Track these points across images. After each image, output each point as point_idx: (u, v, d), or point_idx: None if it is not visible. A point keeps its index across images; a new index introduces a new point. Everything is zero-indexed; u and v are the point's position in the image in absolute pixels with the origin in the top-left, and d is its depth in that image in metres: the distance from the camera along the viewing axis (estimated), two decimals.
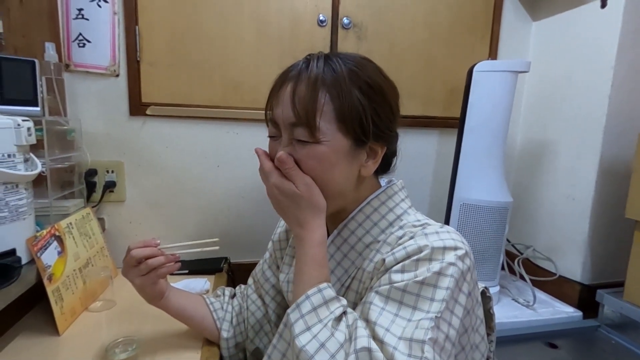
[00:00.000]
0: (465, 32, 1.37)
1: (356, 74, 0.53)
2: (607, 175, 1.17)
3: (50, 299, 0.76)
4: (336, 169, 0.54)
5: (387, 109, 0.56)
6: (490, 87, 1.14)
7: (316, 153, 0.53)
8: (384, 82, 0.57)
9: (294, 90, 0.53)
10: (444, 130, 1.40)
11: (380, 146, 0.56)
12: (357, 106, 0.52)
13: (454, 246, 0.49)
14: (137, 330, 0.79)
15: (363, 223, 0.58)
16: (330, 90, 0.52)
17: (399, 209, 0.59)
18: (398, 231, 0.55)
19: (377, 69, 0.58)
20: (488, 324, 0.62)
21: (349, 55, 0.56)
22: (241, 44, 1.18)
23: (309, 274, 0.51)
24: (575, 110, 1.24)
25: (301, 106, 0.52)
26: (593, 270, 1.22)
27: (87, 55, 1.07)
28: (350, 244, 0.58)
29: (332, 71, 0.53)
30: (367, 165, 0.57)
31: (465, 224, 1.17)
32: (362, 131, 0.53)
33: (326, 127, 0.52)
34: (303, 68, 0.54)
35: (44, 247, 0.78)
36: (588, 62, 1.20)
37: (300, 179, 0.53)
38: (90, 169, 1.11)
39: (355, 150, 0.55)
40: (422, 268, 0.47)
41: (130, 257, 0.62)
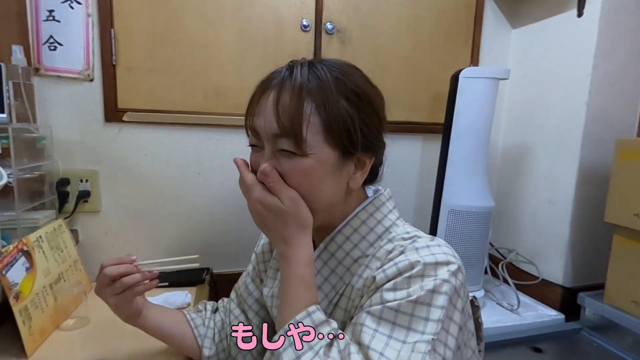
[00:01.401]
0: (447, 39, 1.38)
1: (342, 82, 0.51)
2: (586, 180, 1.20)
3: (17, 319, 0.71)
4: (323, 182, 0.51)
5: (375, 118, 0.54)
6: (476, 93, 1.15)
7: (302, 167, 0.50)
8: (371, 91, 0.55)
9: (277, 100, 0.50)
10: (427, 136, 1.41)
11: (369, 157, 0.54)
12: (345, 116, 0.50)
13: (446, 261, 0.47)
14: (113, 349, 0.75)
15: (351, 236, 0.56)
16: (316, 100, 0.50)
17: (387, 221, 0.57)
18: (387, 245, 0.53)
19: (363, 77, 0.55)
20: (477, 333, 0.61)
21: (334, 62, 0.54)
22: (223, 48, 1.16)
23: (296, 297, 0.48)
24: (554, 117, 1.27)
25: (286, 117, 0.49)
26: (574, 273, 1.24)
27: (58, 58, 1.02)
28: (338, 259, 0.56)
29: (318, 79, 0.50)
30: (355, 177, 0.54)
31: (454, 230, 1.17)
32: (350, 143, 0.51)
33: (313, 139, 0.49)
34: (286, 76, 0.51)
35: (9, 263, 0.73)
36: (566, 69, 1.23)
37: (286, 194, 0.50)
38: (62, 179, 1.06)
39: (342, 163, 0.52)
40: (414, 285, 0.45)
41: (104, 275, 0.58)
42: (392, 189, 1.34)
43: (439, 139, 1.30)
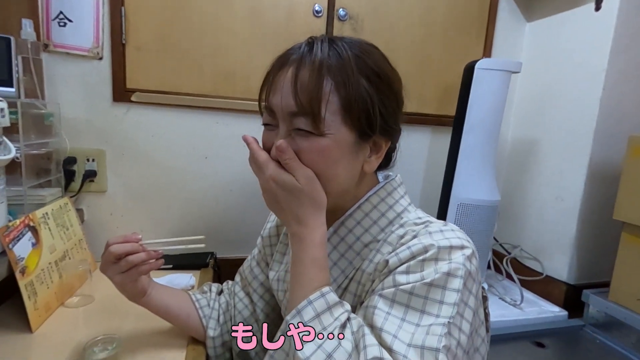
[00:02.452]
0: (460, 31, 1.36)
1: (363, 60, 0.49)
2: (596, 177, 1.18)
3: (22, 293, 0.71)
4: (339, 164, 0.50)
5: (394, 101, 0.53)
6: (490, 85, 1.14)
7: (319, 146, 0.48)
8: (391, 72, 0.53)
9: (295, 76, 0.48)
10: (436, 128, 1.39)
11: (385, 141, 0.53)
12: (365, 97, 0.48)
13: (460, 245, 0.46)
14: (117, 327, 0.75)
15: (362, 221, 0.55)
16: (336, 78, 0.48)
17: (399, 206, 0.56)
18: (399, 230, 0.53)
19: (384, 57, 0.54)
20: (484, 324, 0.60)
21: (354, 40, 0.52)
22: (233, 32, 1.14)
23: (309, 277, 0.47)
24: (566, 112, 1.25)
25: (304, 94, 0.47)
26: (579, 270, 1.23)
27: (68, 35, 1.01)
28: (348, 243, 0.55)
29: (338, 56, 0.49)
30: (370, 160, 0.53)
31: (462, 224, 1.16)
32: (368, 124, 0.50)
33: (331, 119, 0.48)
34: (306, 52, 0.50)
35: (16, 238, 0.73)
36: (580, 64, 1.21)
37: (302, 171, 0.49)
38: (69, 157, 1.05)
39: (359, 145, 0.51)
40: (428, 269, 0.45)
41: (109, 253, 0.57)
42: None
43: (448, 131, 1.29)
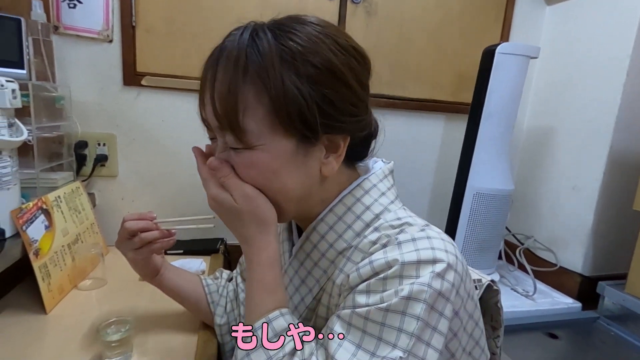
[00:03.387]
0: (477, 14, 1.31)
1: (292, 52, 0.41)
2: (616, 166, 1.15)
3: (36, 275, 0.71)
4: (283, 175, 0.44)
5: (344, 92, 0.43)
6: (510, 71, 1.10)
7: (250, 161, 0.43)
8: (340, 57, 0.43)
9: (212, 85, 0.42)
10: (450, 116, 1.36)
11: (342, 137, 0.45)
12: (295, 96, 0.40)
13: (431, 259, 0.38)
14: (129, 311, 0.75)
15: (334, 226, 0.48)
16: (255, 80, 0.41)
17: (377, 207, 0.48)
18: (373, 234, 0.45)
19: (332, 39, 0.43)
20: (495, 318, 0.57)
21: (293, 24, 0.43)
22: (243, 15, 1.09)
23: (255, 302, 0.44)
24: (586, 99, 1.21)
25: (221, 105, 0.41)
26: (594, 262, 1.21)
27: (77, 17, 1.00)
28: (321, 251, 0.49)
29: (257, 53, 0.40)
30: (328, 162, 0.45)
31: (477, 213, 1.15)
32: (306, 127, 0.42)
33: (258, 128, 0.41)
34: (221, 51, 0.42)
35: (30, 220, 0.73)
36: (603, 49, 1.16)
37: (239, 190, 0.44)
38: (80, 141, 1.05)
39: (305, 149, 0.44)
40: (390, 289, 0.38)
41: (124, 229, 0.57)
42: (411, 168, 1.30)
43: (462, 119, 1.26)
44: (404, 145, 1.34)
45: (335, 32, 0.44)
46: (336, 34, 0.44)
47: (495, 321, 0.57)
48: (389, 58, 1.26)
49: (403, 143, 1.34)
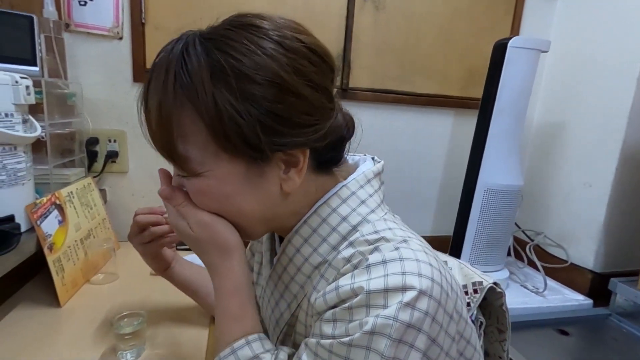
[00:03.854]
0: (487, 8, 1.30)
1: (223, 67, 0.36)
2: (629, 161, 1.13)
3: (51, 269, 0.73)
4: (237, 199, 0.41)
5: (293, 102, 0.38)
6: (522, 65, 1.09)
7: (198, 188, 0.41)
8: (285, 64, 0.37)
9: (147, 109, 0.39)
10: (459, 111, 1.35)
11: (300, 151, 0.40)
12: (232, 117, 0.36)
13: (401, 286, 0.35)
14: (140, 305, 0.76)
15: (309, 239, 0.44)
16: (185, 103, 0.37)
17: (355, 217, 0.43)
18: (347, 249, 0.41)
19: (276, 42, 0.38)
20: (501, 320, 0.56)
21: (228, 31, 0.38)
22: (252, 10, 1.11)
23: (222, 331, 0.43)
24: (598, 93, 1.20)
25: (155, 133, 0.39)
26: (606, 258, 1.19)
27: (88, 14, 1.01)
28: (297, 265, 0.45)
29: (186, 72, 0.36)
30: (289, 177, 0.41)
31: (488, 209, 1.14)
32: (250, 148, 0.38)
33: (200, 155, 0.38)
34: (153, 68, 0.39)
35: (44, 215, 0.74)
36: (616, 41, 1.14)
37: (193, 218, 0.42)
38: (92, 137, 1.06)
39: (258, 170, 0.40)
40: (357, 319, 0.35)
41: (135, 223, 0.59)
42: (420, 164, 1.28)
43: (472, 114, 1.24)
44: (413, 140, 1.34)
45: (281, 33, 0.39)
46: (282, 35, 0.38)
47: (501, 324, 0.56)
48: (398, 53, 1.26)
49: (412, 138, 1.33)
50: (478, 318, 0.55)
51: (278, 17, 0.41)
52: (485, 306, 0.57)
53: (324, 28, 1.18)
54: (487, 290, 0.54)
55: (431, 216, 1.43)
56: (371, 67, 1.24)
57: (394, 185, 1.35)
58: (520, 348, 0.93)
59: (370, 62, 1.24)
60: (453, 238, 1.24)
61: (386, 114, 1.29)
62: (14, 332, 0.66)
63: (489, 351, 0.59)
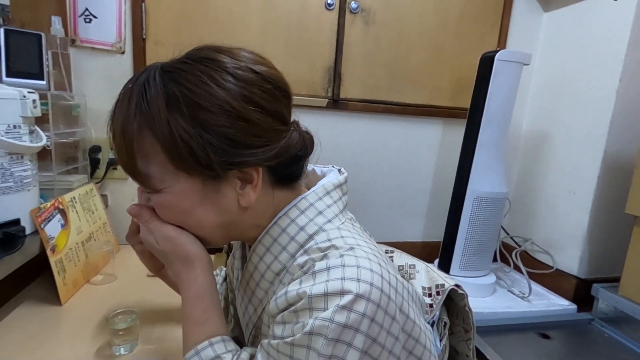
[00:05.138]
0: (475, 22, 1.35)
1: (176, 96, 0.41)
2: (610, 170, 1.17)
3: (53, 269, 0.77)
4: (196, 213, 0.45)
5: (242, 126, 0.42)
6: (507, 76, 1.14)
7: (160, 203, 0.45)
8: (234, 92, 0.42)
9: (112, 135, 0.44)
10: (448, 121, 1.40)
11: (254, 169, 0.44)
12: (185, 140, 0.41)
13: (339, 291, 0.38)
14: (137, 303, 0.81)
15: (270, 247, 0.48)
16: (144, 128, 0.42)
17: (312, 227, 0.46)
18: (302, 257, 0.45)
19: (226, 72, 0.42)
20: (466, 320, 0.59)
21: (183, 64, 0.43)
22: (247, 26, 1.18)
23: (187, 336, 0.47)
24: (581, 104, 1.23)
25: (119, 153, 0.44)
26: (590, 265, 1.22)
27: (93, 30, 1.07)
28: (261, 272, 0.49)
29: (145, 101, 0.41)
30: (245, 192, 0.45)
31: (477, 217, 1.18)
32: (204, 167, 0.42)
33: (160, 172, 0.43)
34: (119, 97, 0.45)
35: (47, 218, 0.80)
36: (598, 55, 1.18)
37: (159, 233, 0.47)
38: (94, 146, 1.12)
39: (213, 186, 0.44)
40: (302, 321, 0.39)
41: (133, 222, 0.60)
42: (410, 173, 1.32)
43: (459, 123, 1.29)
44: (403, 149, 1.38)
45: (236, 65, 0.43)
46: (236, 67, 0.43)
47: (466, 324, 0.59)
48: (388, 65, 1.31)
49: (402, 147, 1.38)
50: (442, 318, 0.58)
51: (238, 50, 0.46)
52: (452, 307, 0.61)
53: (316, 42, 1.23)
54: (451, 292, 0.57)
55: (422, 223, 1.46)
56: (362, 78, 1.29)
57: (384, 193, 1.40)
58: (501, 351, 0.96)
59: (361, 74, 1.29)
60: (443, 244, 1.27)
61: (377, 124, 1.34)
62: (18, 327, 0.71)
63: (457, 349, 0.63)
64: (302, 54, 1.23)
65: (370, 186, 1.38)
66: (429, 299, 0.60)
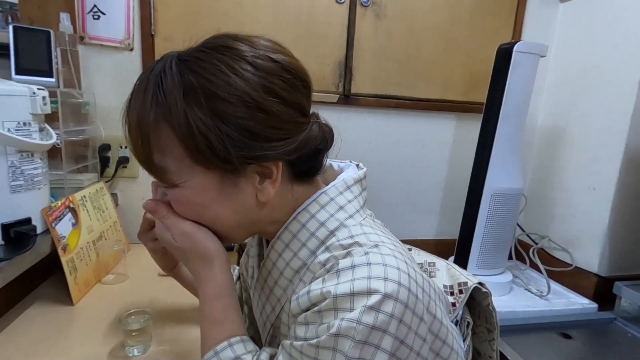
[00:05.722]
0: (488, 14, 1.31)
1: (194, 86, 0.39)
2: (632, 164, 1.13)
3: (64, 269, 0.76)
4: (214, 208, 0.44)
5: (261, 118, 0.40)
6: (525, 69, 1.10)
7: (177, 198, 0.44)
8: (253, 82, 0.40)
9: (128, 128, 0.43)
10: (461, 115, 1.36)
11: (273, 163, 0.42)
12: (202, 132, 0.39)
13: (366, 290, 0.36)
14: (149, 303, 0.80)
15: (290, 243, 0.46)
16: (160, 120, 0.40)
17: (333, 222, 0.45)
18: (323, 254, 0.43)
19: (246, 62, 0.40)
20: (489, 320, 0.58)
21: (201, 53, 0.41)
22: (257, 20, 1.16)
23: (206, 336, 0.46)
24: (600, 97, 1.20)
25: (135, 147, 0.42)
26: (611, 262, 1.18)
27: (101, 27, 1.06)
28: (279, 269, 0.48)
29: (162, 92, 0.40)
30: (264, 187, 0.43)
31: (494, 213, 1.15)
32: (222, 161, 0.40)
33: (177, 167, 0.42)
34: (133, 91, 0.43)
35: (58, 217, 0.78)
36: (618, 46, 1.15)
37: (176, 229, 0.45)
38: (104, 144, 1.11)
39: (232, 180, 0.43)
40: (326, 322, 0.37)
41: (144, 220, 0.59)
42: (423, 168, 1.29)
43: (474, 118, 1.26)
44: (416, 144, 1.35)
45: (254, 53, 0.41)
46: (255, 55, 0.41)
47: (489, 323, 0.57)
48: (399, 59, 1.28)
49: (415, 143, 1.35)
50: (465, 318, 0.56)
51: (256, 38, 0.44)
52: (474, 306, 0.59)
53: (327, 37, 1.21)
54: (474, 290, 0.55)
55: (435, 220, 1.43)
56: (373, 73, 1.27)
57: (396, 189, 1.37)
58: (522, 351, 0.93)
59: (372, 69, 1.26)
60: (459, 242, 1.24)
61: (389, 119, 1.31)
62: (30, 327, 0.70)
63: (480, 350, 0.61)
64: (312, 49, 1.21)
65: (382, 183, 1.35)
66: (451, 297, 0.58)
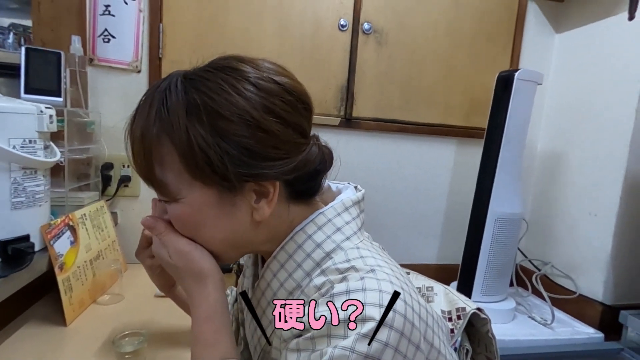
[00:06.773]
0: (487, 42, 1.35)
1: (197, 104, 0.40)
2: (633, 190, 1.13)
3: (60, 288, 0.75)
4: (209, 226, 0.44)
5: (261, 137, 0.41)
6: (525, 96, 1.13)
7: (175, 214, 0.44)
8: (254, 102, 0.41)
9: (131, 141, 0.44)
10: (462, 140, 1.38)
11: (270, 183, 0.42)
12: (202, 148, 0.40)
13: (360, 318, 0.35)
14: (144, 325, 0.78)
15: (285, 264, 0.46)
16: (162, 135, 0.41)
17: (329, 244, 0.44)
18: (319, 278, 0.42)
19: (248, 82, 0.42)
20: (489, 348, 0.55)
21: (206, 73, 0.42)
22: (262, 45, 1.19)
23: (197, 357, 0.44)
24: (599, 124, 1.21)
25: (136, 160, 0.43)
26: (616, 290, 1.16)
27: (110, 50, 1.09)
28: (273, 290, 0.47)
29: (165, 108, 0.41)
30: (260, 207, 0.43)
31: (498, 239, 1.14)
32: (220, 178, 0.41)
33: (178, 181, 0.42)
34: (142, 102, 0.44)
35: (57, 235, 0.78)
36: (614, 75, 1.17)
37: (172, 246, 0.45)
38: (107, 163, 1.12)
39: (229, 199, 0.43)
40: (319, 349, 0.36)
41: (143, 237, 0.58)
42: (424, 193, 1.29)
43: (474, 143, 1.27)
44: (417, 168, 1.36)
45: (258, 75, 0.42)
46: (258, 77, 0.42)
47: (489, 352, 0.55)
48: (401, 84, 1.31)
49: (416, 166, 1.36)
50: (464, 345, 0.54)
51: (261, 60, 0.45)
52: (473, 333, 0.57)
53: (330, 62, 1.24)
54: (473, 317, 0.54)
55: (436, 244, 1.42)
56: (374, 97, 1.29)
57: (398, 213, 1.37)
58: None
59: (374, 93, 1.29)
60: (462, 268, 1.22)
61: (390, 143, 1.33)
62: (22, 348, 0.68)
63: None
64: (315, 74, 1.24)
65: (383, 206, 1.35)
66: (450, 323, 0.57)
